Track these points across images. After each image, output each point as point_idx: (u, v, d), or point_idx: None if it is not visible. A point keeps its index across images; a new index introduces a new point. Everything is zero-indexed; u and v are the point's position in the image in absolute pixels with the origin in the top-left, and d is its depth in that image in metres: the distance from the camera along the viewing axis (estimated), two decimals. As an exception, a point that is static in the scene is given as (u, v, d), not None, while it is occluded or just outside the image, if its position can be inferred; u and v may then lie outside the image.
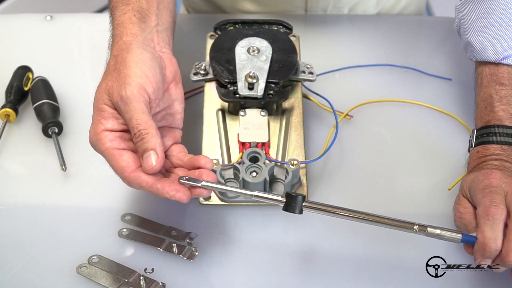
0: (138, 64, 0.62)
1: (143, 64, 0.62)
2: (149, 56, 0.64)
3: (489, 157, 0.68)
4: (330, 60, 0.89)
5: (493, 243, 0.59)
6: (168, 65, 0.67)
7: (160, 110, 0.66)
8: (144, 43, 0.65)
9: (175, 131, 0.67)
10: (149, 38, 0.67)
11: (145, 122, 0.59)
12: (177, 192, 0.59)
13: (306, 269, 0.66)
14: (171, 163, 0.65)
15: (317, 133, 0.80)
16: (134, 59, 0.62)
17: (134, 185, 0.60)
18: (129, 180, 0.60)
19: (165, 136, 0.66)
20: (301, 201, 0.60)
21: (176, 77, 0.68)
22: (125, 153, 0.60)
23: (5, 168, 0.76)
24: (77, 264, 0.65)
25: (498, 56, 0.71)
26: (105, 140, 0.61)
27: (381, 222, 0.61)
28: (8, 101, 0.81)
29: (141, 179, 0.59)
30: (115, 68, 0.63)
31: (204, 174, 0.61)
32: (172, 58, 0.68)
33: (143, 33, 0.66)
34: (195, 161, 0.63)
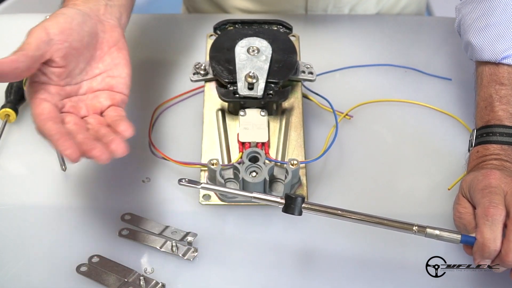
0: (56, 15, 0.63)
1: (60, 15, 0.63)
2: (74, 11, 0.64)
3: (489, 156, 0.68)
4: (330, 60, 0.89)
5: (492, 244, 0.59)
6: (108, 31, 0.67)
7: (100, 72, 0.66)
8: (84, 8, 0.66)
9: (116, 94, 0.67)
10: (94, 9, 0.67)
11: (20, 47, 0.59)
12: (66, 148, 0.57)
13: (306, 269, 0.66)
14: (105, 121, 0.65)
15: (317, 133, 0.80)
16: (57, 12, 0.63)
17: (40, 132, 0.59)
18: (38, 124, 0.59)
19: (102, 97, 0.66)
20: (300, 202, 0.60)
21: (119, 43, 0.68)
22: (45, 103, 0.60)
23: (5, 168, 0.76)
24: (77, 264, 0.65)
25: (498, 56, 0.71)
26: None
27: (380, 223, 0.61)
28: (8, 101, 0.81)
29: (45, 126, 0.59)
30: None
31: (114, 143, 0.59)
32: (116, 27, 0.68)
33: (87, 3, 0.67)
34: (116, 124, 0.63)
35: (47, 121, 0.59)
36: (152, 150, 0.75)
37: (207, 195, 0.71)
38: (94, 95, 0.66)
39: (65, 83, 0.63)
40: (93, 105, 0.65)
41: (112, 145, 0.59)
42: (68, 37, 0.62)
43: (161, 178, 0.74)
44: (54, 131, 0.58)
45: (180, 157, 0.75)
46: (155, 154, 0.75)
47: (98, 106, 0.65)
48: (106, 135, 0.61)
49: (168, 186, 0.73)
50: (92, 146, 0.58)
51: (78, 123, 0.62)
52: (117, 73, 0.67)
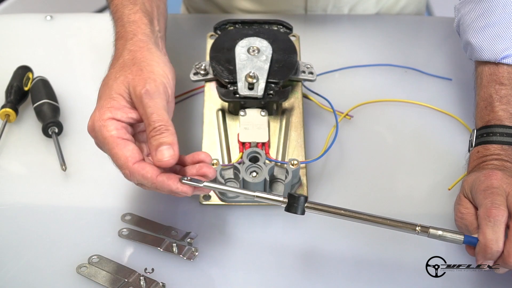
0: (160, 65, 0.63)
1: (165, 66, 0.63)
2: (166, 59, 0.65)
3: (489, 157, 0.68)
4: (330, 60, 0.89)
5: (495, 245, 0.59)
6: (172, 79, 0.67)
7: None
8: (156, 46, 0.66)
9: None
10: (157, 42, 0.67)
11: (166, 119, 0.59)
12: (182, 185, 0.59)
13: (306, 269, 0.66)
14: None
15: (317, 133, 0.80)
16: (155, 59, 0.63)
17: (137, 175, 0.59)
18: (132, 170, 0.59)
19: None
20: (303, 202, 0.60)
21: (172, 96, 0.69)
22: (130, 144, 0.60)
23: (5, 168, 0.76)
24: (77, 264, 0.65)
25: (497, 56, 0.71)
26: (111, 127, 0.60)
27: (383, 223, 0.61)
28: (8, 101, 0.81)
29: (145, 169, 0.58)
30: (134, 63, 0.63)
31: (205, 167, 0.61)
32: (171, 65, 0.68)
33: (153, 35, 0.67)
34: (194, 155, 0.63)
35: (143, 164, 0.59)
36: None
37: (207, 195, 0.71)
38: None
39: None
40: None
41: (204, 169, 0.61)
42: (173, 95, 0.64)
43: (161, 178, 0.74)
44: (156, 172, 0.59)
45: (180, 157, 0.75)
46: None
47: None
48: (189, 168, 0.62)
49: (168, 186, 0.73)
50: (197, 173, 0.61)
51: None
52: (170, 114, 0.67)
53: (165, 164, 0.58)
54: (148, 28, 0.67)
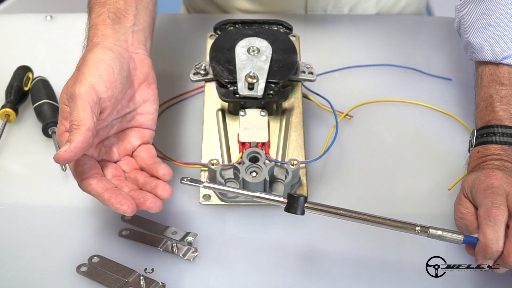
0: (95, 63, 0.62)
1: (101, 64, 0.62)
2: (112, 55, 0.63)
3: (489, 157, 0.68)
4: (330, 60, 0.89)
5: (495, 244, 0.59)
6: (139, 67, 0.67)
7: (130, 111, 0.67)
8: (115, 43, 0.65)
9: (145, 131, 0.67)
10: (122, 39, 0.67)
11: (80, 119, 0.58)
12: (122, 205, 0.58)
13: (306, 269, 0.66)
14: (137, 163, 0.66)
15: (317, 133, 0.80)
16: (94, 58, 0.62)
17: (85, 191, 0.60)
18: (80, 186, 0.60)
19: (133, 136, 0.67)
20: (303, 202, 0.60)
21: (149, 78, 0.68)
22: (83, 159, 0.61)
23: (5, 168, 0.76)
24: (77, 264, 0.65)
25: (498, 56, 0.71)
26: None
27: (383, 223, 0.60)
28: (8, 101, 0.81)
29: (91, 186, 0.59)
30: (77, 68, 0.63)
31: (159, 188, 0.61)
32: (145, 59, 0.68)
33: (116, 34, 0.66)
34: (154, 169, 0.63)
35: (90, 180, 0.60)
36: (152, 150, 0.75)
37: (207, 195, 0.71)
38: (124, 134, 0.66)
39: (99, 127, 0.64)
40: (124, 147, 0.66)
41: (158, 190, 0.60)
42: (114, 91, 0.62)
43: (161, 178, 0.74)
44: (101, 190, 0.59)
45: (180, 157, 0.75)
46: (155, 154, 0.74)
47: (129, 147, 0.66)
48: (148, 183, 0.62)
49: (168, 186, 0.73)
50: (143, 197, 0.59)
51: (117, 175, 0.63)
52: (145, 110, 0.67)
53: (58, 158, 0.57)
54: (108, 28, 0.66)
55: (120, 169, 0.65)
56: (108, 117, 0.64)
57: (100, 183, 0.60)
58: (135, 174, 0.64)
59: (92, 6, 0.69)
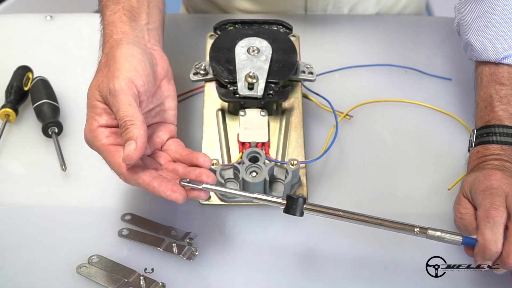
0: (127, 58, 0.62)
1: (133, 58, 0.62)
2: (139, 51, 0.64)
3: (489, 157, 0.68)
4: (330, 60, 0.89)
5: (494, 246, 0.59)
6: (160, 62, 0.67)
7: (154, 107, 0.67)
8: (135, 40, 0.66)
9: (170, 126, 0.68)
10: (140, 36, 0.67)
11: (131, 114, 0.59)
12: (173, 192, 0.59)
13: (306, 269, 0.66)
14: (170, 156, 0.66)
15: (317, 133, 0.80)
16: (124, 53, 0.63)
17: (131, 181, 0.60)
18: (126, 176, 0.60)
19: (161, 131, 0.66)
20: (301, 203, 0.60)
21: (168, 74, 0.68)
22: (121, 149, 0.60)
23: (5, 168, 0.76)
24: (77, 264, 0.65)
25: (498, 56, 0.71)
26: (101, 136, 0.61)
27: (382, 224, 0.61)
28: (8, 101, 0.81)
29: (137, 175, 0.59)
30: (106, 65, 0.63)
31: (204, 175, 0.61)
32: (163, 55, 0.69)
33: (134, 31, 0.67)
34: (193, 158, 0.63)
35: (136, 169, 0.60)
36: (152, 150, 0.75)
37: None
38: (152, 129, 0.66)
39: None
40: (154, 141, 0.66)
41: (203, 177, 0.60)
42: (149, 85, 0.63)
43: (161, 178, 0.74)
44: (148, 178, 0.59)
45: (180, 157, 0.75)
46: (155, 154, 0.74)
47: (159, 141, 0.66)
48: (191, 171, 0.62)
49: (168, 186, 0.73)
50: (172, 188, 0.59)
51: (155, 167, 0.63)
52: (168, 106, 0.68)
53: (129, 159, 0.58)
54: (126, 26, 0.66)
55: (156, 161, 0.65)
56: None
57: (147, 172, 0.60)
58: (173, 165, 0.64)
59: (105, 3, 0.69)
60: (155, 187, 0.59)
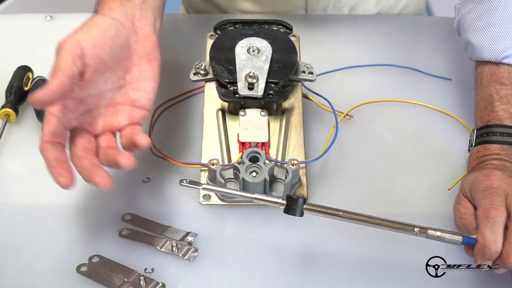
0: (89, 25, 0.62)
1: (95, 26, 0.62)
2: (110, 22, 0.63)
3: (489, 156, 0.68)
4: (330, 60, 0.89)
5: (493, 245, 0.59)
6: (142, 41, 0.67)
7: (125, 84, 0.65)
8: (119, 15, 0.65)
9: (136, 111, 0.65)
10: (130, 14, 0.66)
11: (59, 66, 0.58)
12: (60, 175, 0.58)
13: (306, 269, 0.66)
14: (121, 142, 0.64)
15: (317, 133, 0.80)
16: (91, 22, 0.62)
17: (41, 152, 0.60)
18: (40, 145, 0.60)
19: (122, 115, 0.65)
20: (301, 203, 0.60)
21: (150, 55, 0.67)
22: (55, 123, 0.60)
23: (5, 168, 0.76)
24: (77, 264, 0.65)
25: (498, 56, 0.71)
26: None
27: (382, 224, 0.61)
28: (8, 101, 0.81)
29: (45, 151, 0.59)
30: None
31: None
32: (150, 36, 0.68)
33: (123, 8, 0.66)
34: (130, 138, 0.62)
35: (48, 144, 0.59)
36: (152, 150, 0.75)
37: (207, 195, 0.71)
38: (114, 110, 0.65)
39: (86, 94, 0.62)
40: (110, 123, 0.64)
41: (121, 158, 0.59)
42: (100, 51, 0.61)
43: (161, 178, 0.74)
44: (51, 157, 0.59)
45: (180, 157, 0.75)
46: (155, 154, 0.74)
47: (115, 125, 0.65)
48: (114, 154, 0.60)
49: (168, 186, 0.73)
50: (94, 172, 0.58)
51: (87, 147, 0.62)
52: (141, 86, 0.66)
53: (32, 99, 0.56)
54: (116, 3, 0.66)
55: (94, 144, 0.63)
56: (98, 82, 0.63)
57: (55, 151, 0.59)
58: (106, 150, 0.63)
59: None
60: (50, 166, 0.58)
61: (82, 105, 0.63)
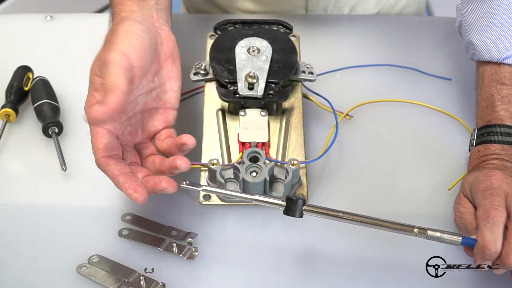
0: (127, 34, 0.62)
1: (132, 34, 0.62)
2: (142, 27, 0.64)
3: (490, 156, 0.68)
4: (330, 60, 0.89)
5: (493, 246, 0.59)
6: (165, 42, 0.67)
7: (154, 87, 0.66)
8: (142, 18, 0.66)
9: (169, 113, 0.67)
10: (148, 15, 0.67)
11: (114, 84, 0.58)
12: (135, 192, 0.58)
13: (306, 269, 0.66)
14: (156, 146, 0.66)
15: (317, 133, 0.79)
16: (124, 29, 0.62)
17: (102, 169, 0.60)
18: (98, 162, 0.60)
19: (158, 120, 0.66)
20: (301, 204, 0.60)
21: (174, 55, 0.68)
22: (107, 135, 0.60)
23: (5, 168, 0.76)
24: (77, 264, 0.65)
25: (500, 56, 0.71)
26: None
27: (381, 225, 0.61)
28: (8, 101, 0.81)
29: (108, 166, 0.59)
30: (107, 40, 0.63)
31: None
32: (170, 35, 0.68)
33: (142, 9, 0.67)
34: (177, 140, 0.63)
35: (107, 159, 0.59)
36: (152, 150, 0.75)
37: (207, 195, 0.71)
38: (149, 114, 0.66)
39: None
40: (148, 129, 0.66)
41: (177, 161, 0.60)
42: (145, 61, 0.62)
43: (161, 178, 0.74)
44: (116, 172, 0.59)
45: (180, 157, 0.74)
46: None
47: (153, 130, 0.66)
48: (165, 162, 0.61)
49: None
50: (158, 179, 0.59)
51: (134, 161, 0.63)
52: (169, 87, 0.67)
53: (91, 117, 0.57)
54: (134, 4, 0.66)
55: (138, 157, 0.65)
56: (135, 90, 0.63)
57: (118, 165, 0.60)
58: (152, 158, 0.64)
59: None
60: (119, 182, 0.59)
61: (123, 114, 0.63)
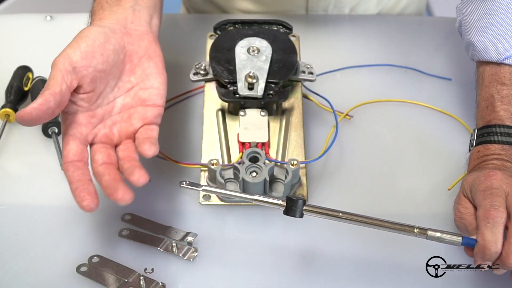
0: (77, 39, 0.62)
1: (83, 38, 0.62)
2: (98, 30, 0.64)
3: (490, 156, 0.68)
4: (330, 60, 0.89)
5: (493, 246, 0.59)
6: (137, 41, 0.67)
7: (132, 86, 0.66)
8: (110, 23, 0.66)
9: (147, 110, 0.66)
10: (121, 18, 0.67)
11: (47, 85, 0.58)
12: (82, 200, 0.58)
13: (306, 270, 0.66)
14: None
15: (317, 133, 0.79)
16: (79, 35, 0.63)
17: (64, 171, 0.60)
18: (63, 167, 0.61)
19: (135, 118, 0.65)
20: (301, 205, 0.60)
21: (149, 52, 0.67)
22: (70, 142, 0.61)
23: (5, 168, 0.76)
24: (77, 264, 0.65)
25: (500, 56, 0.71)
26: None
27: (381, 225, 0.61)
28: (8, 101, 0.81)
29: (67, 173, 0.60)
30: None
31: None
32: (145, 34, 0.68)
33: (113, 15, 0.67)
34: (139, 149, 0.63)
35: (69, 165, 0.60)
36: (152, 150, 0.75)
37: (207, 195, 0.71)
38: (128, 114, 0.65)
39: (96, 106, 0.63)
40: (125, 129, 0.65)
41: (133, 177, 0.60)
42: (92, 61, 0.62)
43: (161, 178, 0.74)
44: (74, 179, 0.59)
45: (180, 157, 0.75)
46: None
47: (131, 130, 0.65)
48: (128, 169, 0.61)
49: (168, 186, 0.73)
50: (114, 188, 0.59)
51: (107, 161, 0.62)
52: (149, 84, 0.66)
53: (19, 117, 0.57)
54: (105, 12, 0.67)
55: (113, 157, 0.64)
56: (104, 91, 0.63)
57: (76, 171, 0.60)
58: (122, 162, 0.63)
59: None
60: (72, 189, 0.59)
61: (94, 118, 0.63)
